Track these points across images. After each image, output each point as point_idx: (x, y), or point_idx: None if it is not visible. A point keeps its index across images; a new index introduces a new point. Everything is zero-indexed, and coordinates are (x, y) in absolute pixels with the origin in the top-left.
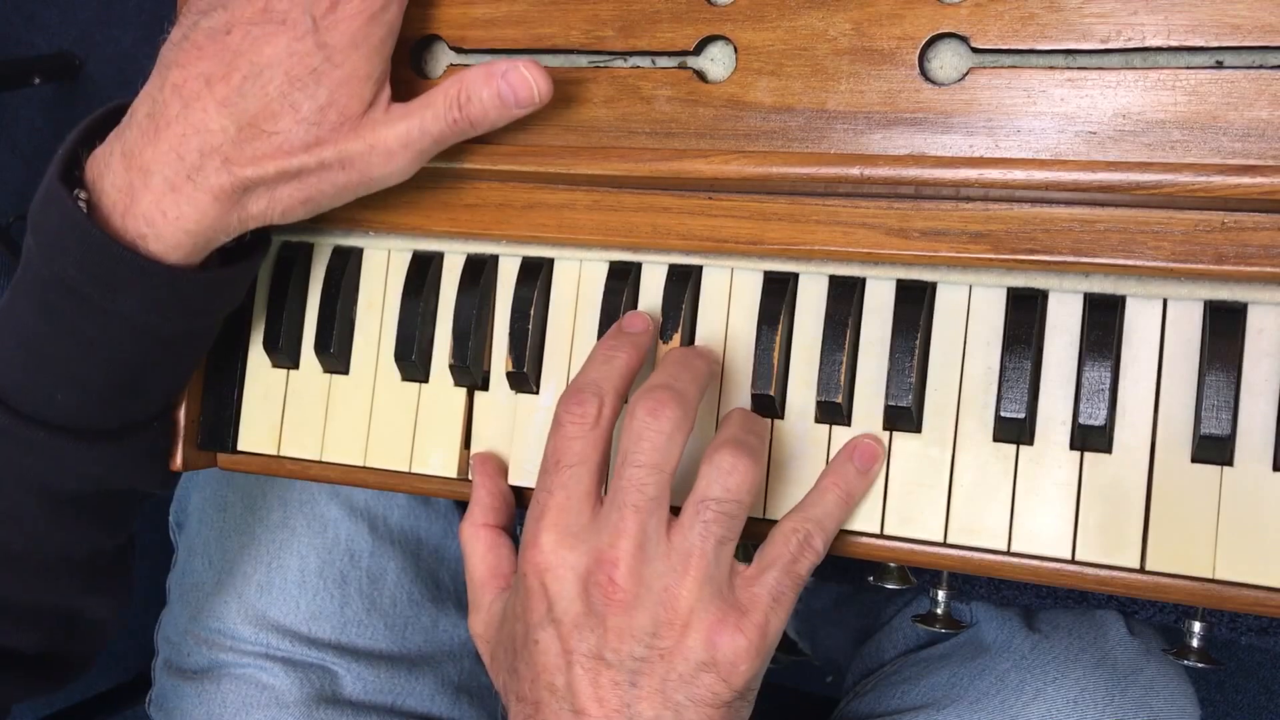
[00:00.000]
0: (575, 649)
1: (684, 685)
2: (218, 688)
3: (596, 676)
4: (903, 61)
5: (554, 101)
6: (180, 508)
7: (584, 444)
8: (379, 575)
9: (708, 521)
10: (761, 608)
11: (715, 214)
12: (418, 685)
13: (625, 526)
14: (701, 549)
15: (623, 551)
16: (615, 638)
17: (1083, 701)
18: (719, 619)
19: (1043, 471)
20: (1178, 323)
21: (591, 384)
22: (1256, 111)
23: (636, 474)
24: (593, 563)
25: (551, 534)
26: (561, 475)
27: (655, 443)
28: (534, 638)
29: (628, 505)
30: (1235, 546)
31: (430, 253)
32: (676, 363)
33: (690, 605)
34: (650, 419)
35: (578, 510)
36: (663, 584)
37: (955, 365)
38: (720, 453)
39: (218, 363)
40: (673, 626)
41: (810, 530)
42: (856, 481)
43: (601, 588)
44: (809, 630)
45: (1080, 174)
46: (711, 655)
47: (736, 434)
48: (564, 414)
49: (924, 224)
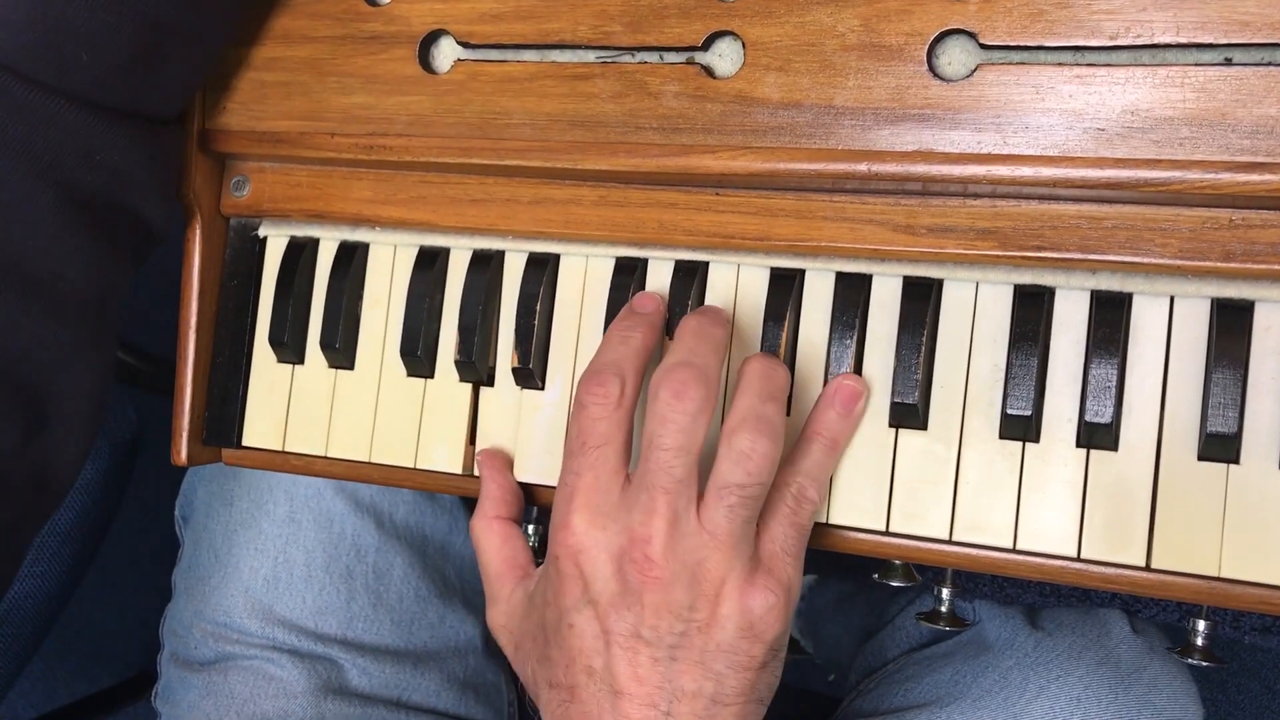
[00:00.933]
0: (613, 629)
1: (723, 653)
2: (225, 679)
3: (635, 655)
4: (911, 57)
5: (560, 97)
6: (186, 502)
7: (608, 424)
8: (385, 571)
9: (732, 505)
10: (778, 563)
11: (722, 210)
12: (424, 681)
13: (656, 506)
14: (729, 529)
15: (655, 529)
16: (653, 615)
17: (1086, 699)
18: (748, 582)
19: (1048, 469)
20: (1185, 320)
21: (612, 364)
22: (1265, 109)
23: (664, 457)
24: (626, 541)
25: (583, 514)
26: (589, 456)
27: (681, 424)
28: (569, 621)
29: (657, 487)
30: (1241, 544)
31: (436, 248)
32: (694, 333)
33: (722, 576)
34: (675, 401)
35: (606, 490)
36: (696, 559)
37: (961, 362)
38: (738, 434)
39: (223, 358)
40: (707, 598)
41: (801, 483)
42: (840, 426)
43: (637, 565)
44: (812, 629)
45: (1088, 171)
46: (747, 619)
47: (754, 406)
48: (586, 395)
49: (931, 221)
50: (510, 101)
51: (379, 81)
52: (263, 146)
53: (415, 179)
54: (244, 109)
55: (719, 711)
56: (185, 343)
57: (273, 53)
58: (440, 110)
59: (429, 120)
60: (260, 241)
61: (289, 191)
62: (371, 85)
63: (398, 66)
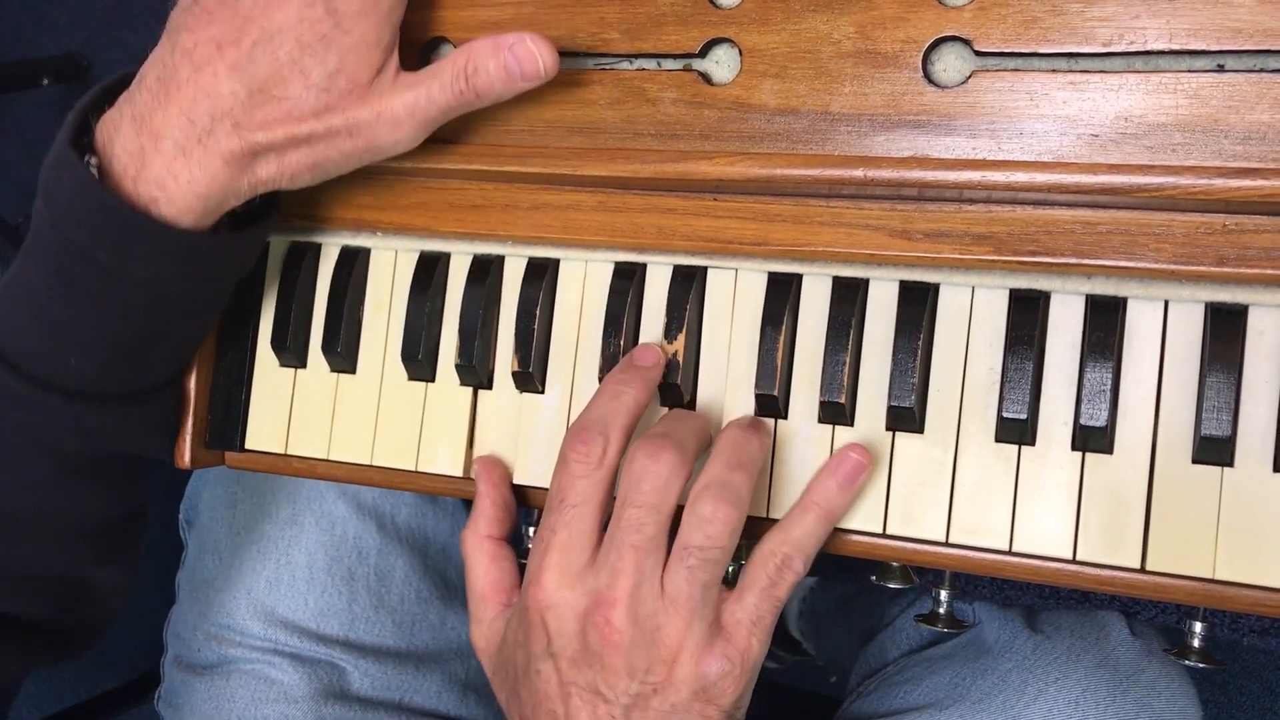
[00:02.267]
0: (573, 681)
1: (676, 713)
2: (227, 683)
3: (594, 709)
4: (906, 64)
5: (559, 103)
6: (190, 505)
7: (588, 484)
8: (387, 573)
9: (691, 568)
10: (743, 633)
11: (720, 215)
12: (425, 682)
13: (623, 566)
14: (689, 592)
15: (620, 592)
16: (611, 675)
17: (1084, 702)
18: (705, 648)
19: (1044, 472)
20: (1179, 324)
21: (598, 421)
22: (1257, 115)
23: (636, 514)
24: (591, 604)
25: (554, 573)
26: (565, 514)
27: (655, 484)
28: (535, 668)
29: (626, 544)
30: (1235, 547)
31: (437, 253)
32: (676, 419)
33: (679, 642)
34: (650, 462)
35: (579, 549)
36: (655, 624)
37: (958, 366)
38: (700, 500)
39: (226, 362)
40: (664, 663)
41: (789, 553)
42: (838, 499)
43: (599, 629)
44: (813, 631)
45: (1082, 176)
46: (701, 684)
47: (720, 474)
48: (570, 452)
49: (927, 225)
50: (509, 108)
51: None
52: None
53: (416, 185)
54: None
55: None
56: None
57: None
58: None
59: None
60: (264, 246)
61: (291, 197)
62: None
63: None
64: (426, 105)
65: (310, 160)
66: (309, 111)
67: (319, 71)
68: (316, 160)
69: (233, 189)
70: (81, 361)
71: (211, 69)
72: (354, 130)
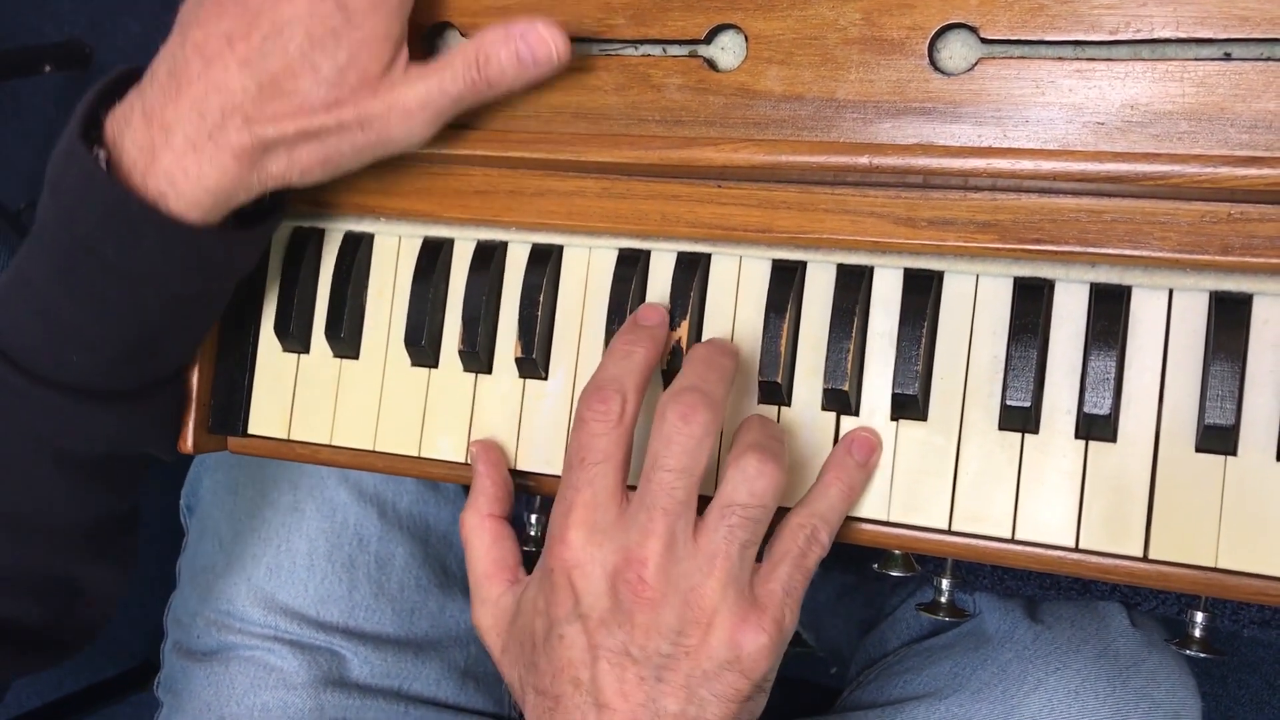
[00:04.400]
0: (601, 644)
1: (708, 681)
2: (226, 669)
3: (622, 672)
4: (912, 51)
5: (564, 89)
6: (191, 491)
7: (608, 441)
8: (387, 560)
9: (733, 526)
10: (777, 603)
11: (724, 202)
12: (424, 670)
13: (654, 527)
14: (726, 552)
15: (651, 551)
16: (642, 635)
17: (1084, 692)
18: (741, 618)
19: (1047, 460)
20: (1183, 313)
21: (613, 380)
22: (1264, 103)
23: (666, 478)
24: (621, 561)
25: (580, 531)
26: (587, 472)
27: (685, 447)
28: (559, 632)
29: (657, 507)
30: (1238, 535)
31: (440, 239)
32: (703, 361)
33: (715, 605)
34: (681, 423)
35: (605, 507)
36: (689, 584)
37: (961, 354)
38: (746, 457)
39: (229, 347)
40: (698, 625)
41: (816, 525)
42: (857, 474)
43: (630, 585)
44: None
45: (1088, 164)
46: (735, 653)
47: (760, 438)
48: (587, 411)
49: (932, 213)
50: (514, 93)
51: None
52: None
53: (420, 170)
54: None
55: None
56: None
57: None
58: None
59: None
60: None
61: None
62: None
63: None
64: (438, 96)
65: (321, 155)
66: (319, 105)
67: (329, 65)
68: (327, 155)
69: (243, 184)
70: (83, 358)
71: (222, 63)
72: (365, 123)
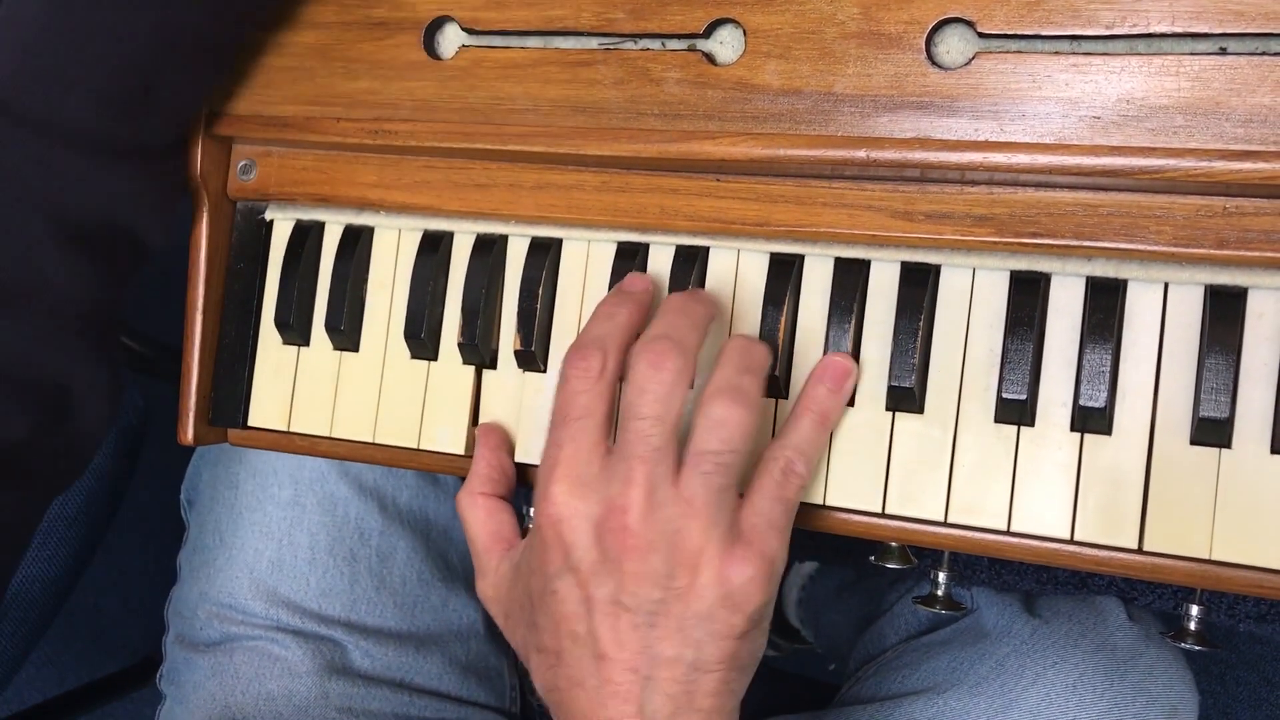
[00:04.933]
0: (594, 595)
1: (701, 622)
2: (230, 659)
3: (616, 621)
4: (909, 46)
5: (564, 83)
6: (192, 485)
7: (589, 397)
8: (388, 554)
9: (707, 473)
10: (760, 535)
11: (722, 196)
12: (426, 664)
13: (634, 476)
14: (705, 497)
15: (633, 499)
16: (632, 582)
17: (1081, 686)
18: (726, 553)
19: (1043, 453)
20: (1178, 307)
21: (595, 339)
22: (1259, 98)
23: (641, 425)
24: (605, 510)
25: (563, 485)
26: (569, 428)
27: (658, 394)
28: (552, 588)
29: (635, 456)
30: (1232, 528)
31: (440, 232)
32: (676, 310)
33: (700, 546)
34: (652, 371)
35: (586, 461)
36: (673, 528)
37: (958, 347)
38: (711, 404)
39: (229, 339)
40: (686, 567)
41: (790, 456)
42: (829, 401)
43: (615, 534)
44: (812, 618)
45: (1084, 158)
46: (725, 589)
47: (729, 377)
48: (569, 369)
49: (929, 207)
50: (514, 87)
51: (384, 67)
52: (269, 131)
53: (420, 164)
54: (251, 94)
55: (699, 678)
56: (192, 324)
57: (280, 38)
58: (445, 96)
59: (434, 105)
60: (267, 225)
61: (295, 175)
62: (377, 71)
63: (403, 52)
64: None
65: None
66: None
67: None
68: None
69: None
70: (81, 99)
71: None
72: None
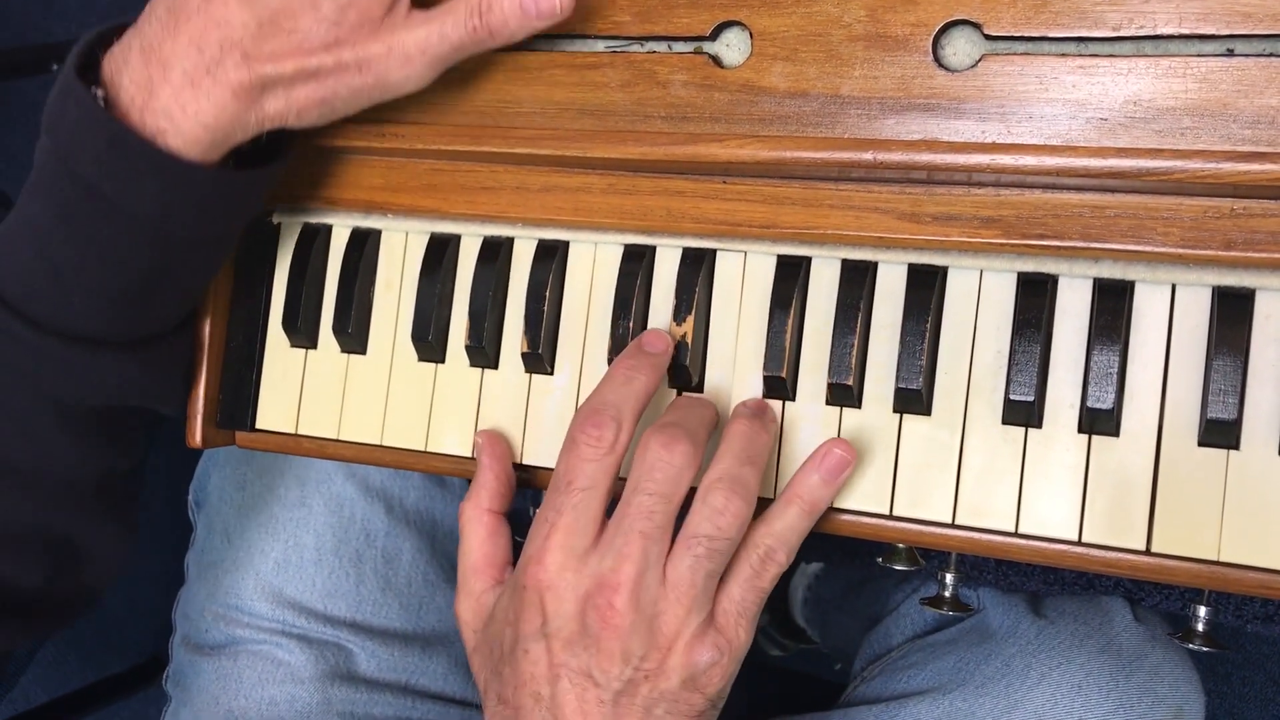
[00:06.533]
0: (565, 664)
1: (664, 701)
2: (234, 663)
3: (583, 692)
4: (916, 48)
5: (570, 85)
6: (199, 487)
7: (597, 468)
8: (394, 555)
9: (698, 556)
10: (730, 623)
11: (729, 198)
12: (431, 665)
13: (630, 551)
14: (691, 580)
15: (625, 576)
16: (606, 660)
17: (1087, 686)
18: (698, 638)
19: (1051, 454)
20: (1186, 308)
21: (610, 406)
22: (1266, 99)
23: (646, 501)
24: (594, 586)
25: (558, 555)
26: (573, 496)
27: (667, 474)
28: (524, 647)
29: (635, 530)
30: (1240, 529)
31: (447, 235)
32: (686, 406)
33: (677, 630)
34: (664, 451)
35: (584, 533)
36: (655, 610)
37: (965, 349)
38: (714, 492)
39: (237, 342)
40: (659, 650)
41: (772, 545)
42: (821, 492)
43: (600, 611)
44: (818, 618)
45: (1091, 160)
46: (691, 672)
47: (731, 469)
48: (580, 435)
49: (936, 209)
50: (521, 90)
51: None
52: None
53: (427, 167)
54: None
55: None
56: (200, 328)
57: None
58: (452, 98)
59: (441, 108)
60: (274, 228)
61: (303, 179)
62: None
63: None
64: (439, 42)
65: (318, 96)
66: (319, 45)
67: (330, 5)
68: (324, 96)
69: (240, 122)
70: (84, 303)
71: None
72: (364, 65)
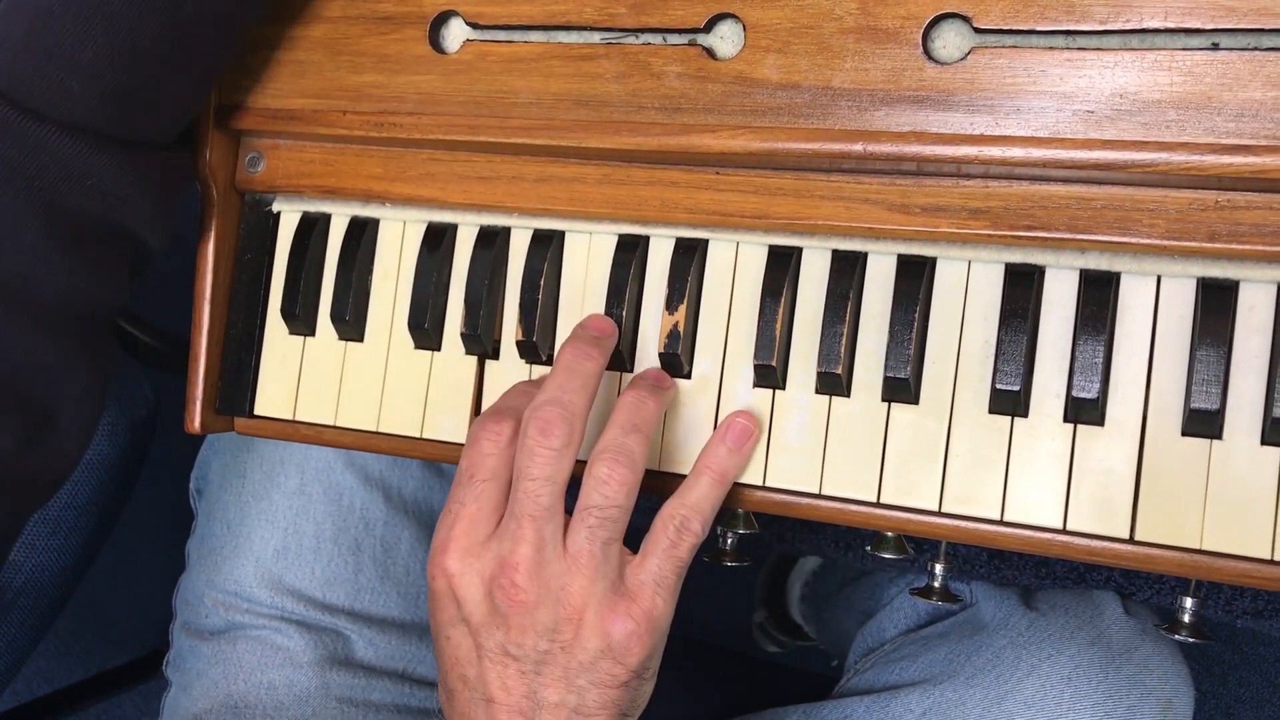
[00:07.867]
0: (484, 644)
1: (584, 671)
2: (234, 648)
3: (504, 669)
4: (906, 40)
5: (566, 77)
6: (200, 474)
7: (496, 460)
8: (393, 544)
9: (591, 527)
10: (647, 593)
11: (722, 189)
12: (428, 653)
13: (523, 534)
14: (589, 550)
15: (522, 556)
16: (518, 634)
17: (1076, 678)
18: (609, 608)
19: (1037, 443)
20: (1171, 299)
21: (510, 409)
22: (1250, 92)
23: (531, 486)
24: (496, 568)
25: (460, 543)
26: (474, 489)
27: (547, 458)
28: (446, 634)
29: (525, 515)
30: (1223, 518)
31: (444, 224)
32: (566, 370)
33: (584, 600)
34: (541, 437)
35: (485, 522)
36: (559, 584)
37: (953, 339)
38: (598, 463)
39: (236, 329)
40: (570, 621)
41: (686, 515)
42: (729, 461)
43: (504, 590)
44: (814, 614)
45: (1078, 152)
46: (606, 642)
47: (615, 439)
48: (480, 432)
49: (925, 200)
50: (517, 81)
51: (390, 61)
52: (277, 124)
53: (424, 156)
54: (259, 87)
55: None
56: (200, 314)
57: (287, 32)
58: (449, 89)
59: (438, 99)
60: (274, 216)
61: (302, 168)
62: (383, 64)
63: (408, 46)
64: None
65: None
66: None
67: None
68: None
69: None
70: (83, 86)
71: None
72: None
